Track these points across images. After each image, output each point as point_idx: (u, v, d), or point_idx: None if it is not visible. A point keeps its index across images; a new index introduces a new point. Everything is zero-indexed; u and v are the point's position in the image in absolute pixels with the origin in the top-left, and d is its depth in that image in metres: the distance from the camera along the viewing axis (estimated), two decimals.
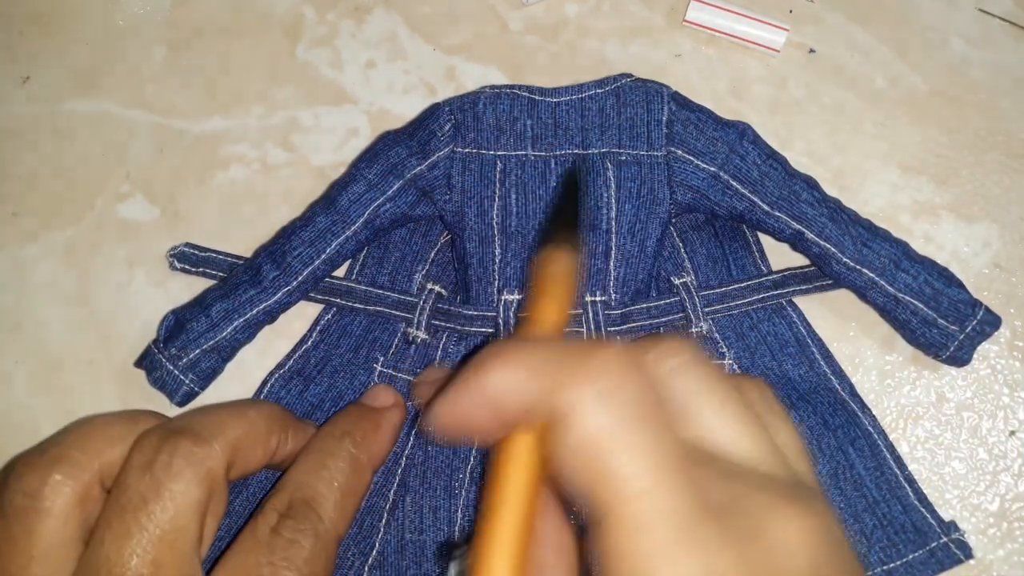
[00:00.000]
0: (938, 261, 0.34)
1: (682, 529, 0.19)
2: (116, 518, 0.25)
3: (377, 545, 0.33)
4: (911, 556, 0.32)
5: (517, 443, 0.23)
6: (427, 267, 0.37)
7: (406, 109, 0.39)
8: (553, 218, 0.27)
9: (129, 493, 0.25)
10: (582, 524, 0.22)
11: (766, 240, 0.37)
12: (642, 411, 0.20)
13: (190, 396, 0.35)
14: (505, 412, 0.22)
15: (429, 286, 0.36)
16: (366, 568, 0.33)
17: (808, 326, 0.36)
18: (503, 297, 0.34)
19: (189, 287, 0.37)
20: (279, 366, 0.36)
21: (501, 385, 0.22)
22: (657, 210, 0.34)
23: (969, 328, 0.33)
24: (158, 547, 0.24)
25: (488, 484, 0.23)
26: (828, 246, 0.33)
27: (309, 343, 0.36)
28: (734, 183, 0.34)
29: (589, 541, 0.21)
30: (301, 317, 0.37)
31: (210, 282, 0.36)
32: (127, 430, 0.27)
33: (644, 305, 0.35)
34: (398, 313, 0.36)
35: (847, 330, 0.36)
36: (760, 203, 0.34)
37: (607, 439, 0.20)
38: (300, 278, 0.34)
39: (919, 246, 0.35)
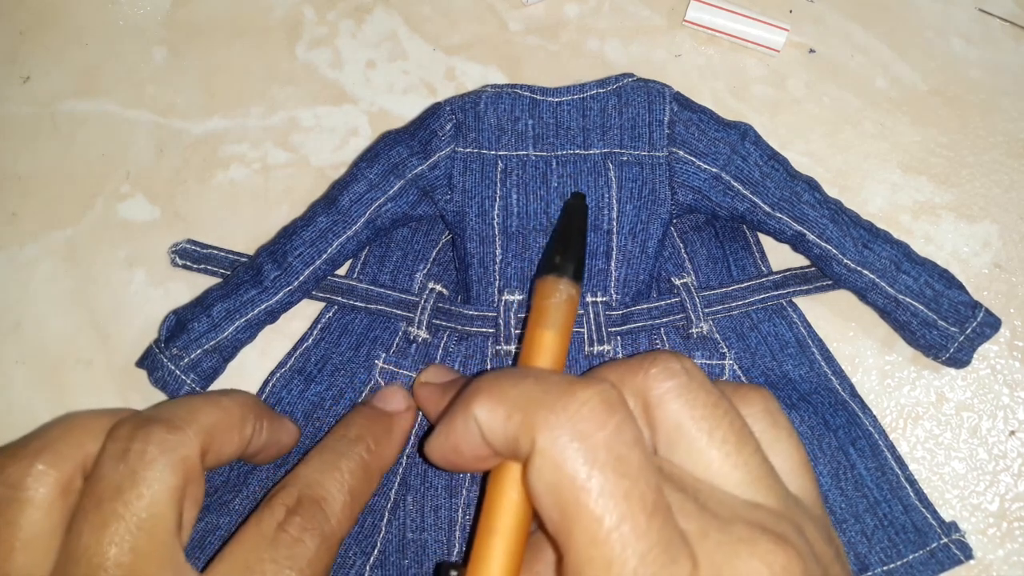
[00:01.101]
0: (938, 261, 0.35)
1: (649, 570, 0.20)
2: (93, 508, 0.25)
3: (379, 544, 0.33)
4: (911, 556, 0.32)
5: (507, 470, 0.24)
6: (428, 266, 0.37)
7: (406, 109, 0.39)
8: (556, 245, 0.28)
9: (104, 483, 0.25)
10: None
11: (766, 240, 0.37)
12: (617, 453, 0.21)
13: None
14: (490, 444, 0.23)
15: (430, 285, 0.36)
16: (368, 567, 0.33)
17: (808, 326, 0.36)
18: (504, 297, 0.34)
19: (189, 287, 0.37)
20: (280, 365, 0.36)
21: (483, 419, 0.23)
22: (658, 211, 0.34)
23: (969, 330, 0.33)
24: (136, 535, 0.24)
25: (482, 509, 0.24)
26: (829, 247, 0.33)
27: (310, 341, 0.36)
28: (736, 184, 0.34)
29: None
30: (301, 316, 0.37)
31: (210, 282, 0.36)
32: (109, 424, 0.27)
33: (645, 306, 0.35)
34: (399, 312, 0.36)
35: (847, 330, 0.37)
36: (761, 204, 0.34)
37: (579, 481, 0.20)
38: (301, 278, 0.34)
39: (919, 246, 0.35)
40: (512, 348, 0.34)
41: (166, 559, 0.25)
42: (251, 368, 0.37)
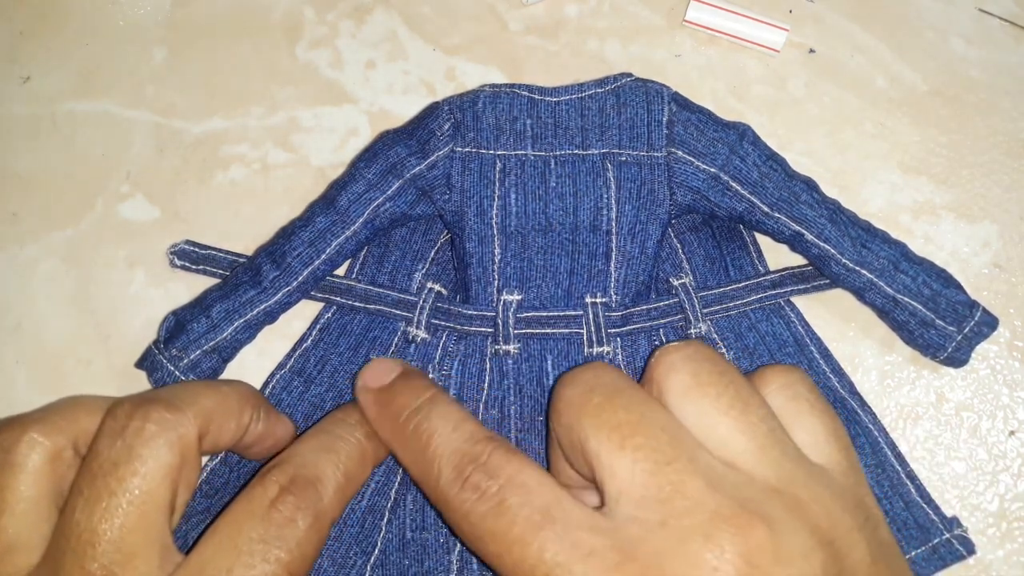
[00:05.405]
0: (937, 261, 0.35)
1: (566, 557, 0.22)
2: (87, 484, 0.25)
3: (379, 544, 0.33)
4: (914, 553, 0.32)
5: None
6: (427, 266, 0.37)
7: (406, 109, 0.39)
8: None
9: (101, 458, 0.25)
10: None
11: (764, 240, 0.37)
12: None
13: None
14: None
15: (429, 285, 0.36)
16: (368, 567, 0.33)
17: (807, 326, 0.36)
18: (502, 297, 0.34)
19: (189, 287, 0.37)
20: (280, 366, 0.36)
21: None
22: (657, 211, 0.34)
23: (967, 329, 0.33)
24: (127, 511, 0.24)
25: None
26: (828, 247, 0.33)
27: (309, 341, 0.36)
28: (734, 184, 0.34)
29: None
30: (300, 317, 0.37)
31: (210, 282, 0.36)
32: (107, 405, 0.27)
33: (644, 307, 0.35)
34: (398, 312, 0.36)
35: (846, 330, 0.36)
36: (760, 204, 0.34)
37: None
38: (300, 278, 0.34)
39: (919, 246, 0.35)
40: (511, 348, 0.34)
41: (154, 537, 0.25)
42: (251, 368, 0.37)
